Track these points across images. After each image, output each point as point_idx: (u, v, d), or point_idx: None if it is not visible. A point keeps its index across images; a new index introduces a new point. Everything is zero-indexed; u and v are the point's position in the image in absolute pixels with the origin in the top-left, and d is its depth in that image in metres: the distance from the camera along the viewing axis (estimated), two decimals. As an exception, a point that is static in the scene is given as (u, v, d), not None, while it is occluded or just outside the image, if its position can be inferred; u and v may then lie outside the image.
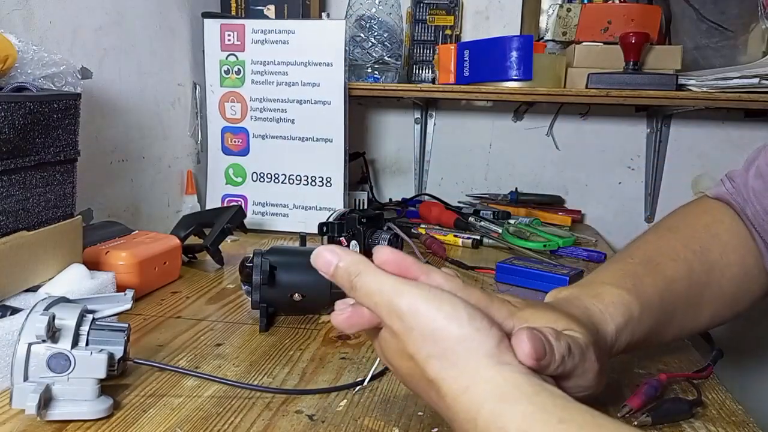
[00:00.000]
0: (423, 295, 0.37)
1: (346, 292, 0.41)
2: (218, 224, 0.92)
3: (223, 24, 1.16)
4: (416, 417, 0.51)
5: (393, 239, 0.90)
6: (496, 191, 1.46)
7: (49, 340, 0.47)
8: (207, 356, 0.62)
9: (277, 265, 0.68)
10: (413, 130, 1.49)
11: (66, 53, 0.83)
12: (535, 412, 0.33)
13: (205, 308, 0.76)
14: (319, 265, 0.41)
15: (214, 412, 0.51)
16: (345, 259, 0.40)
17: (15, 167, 0.58)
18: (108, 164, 0.96)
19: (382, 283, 0.39)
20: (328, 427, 0.49)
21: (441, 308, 0.37)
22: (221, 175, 1.21)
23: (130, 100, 1.01)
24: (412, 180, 1.51)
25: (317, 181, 1.16)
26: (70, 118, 0.64)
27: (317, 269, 0.42)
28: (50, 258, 0.63)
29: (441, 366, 0.36)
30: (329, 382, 0.57)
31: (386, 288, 0.38)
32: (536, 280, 0.86)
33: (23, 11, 0.76)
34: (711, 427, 0.51)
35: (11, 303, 0.59)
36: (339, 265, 0.40)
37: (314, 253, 0.41)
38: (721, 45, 1.24)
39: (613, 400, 0.55)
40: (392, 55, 1.23)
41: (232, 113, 1.19)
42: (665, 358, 0.64)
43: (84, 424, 0.47)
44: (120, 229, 0.83)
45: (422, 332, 0.37)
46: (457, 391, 0.35)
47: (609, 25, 1.18)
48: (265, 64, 1.15)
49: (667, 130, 1.41)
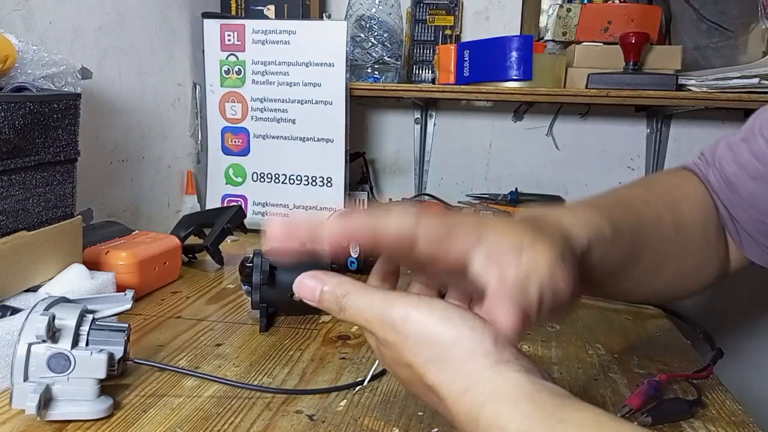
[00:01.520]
0: (413, 302, 0.37)
1: (336, 316, 0.40)
2: (218, 224, 0.92)
3: (223, 24, 1.16)
4: (416, 417, 0.51)
5: (393, 239, 0.90)
6: (496, 191, 1.45)
7: (49, 340, 0.47)
8: (207, 356, 0.62)
9: (277, 265, 0.68)
10: (413, 130, 1.49)
11: (66, 53, 0.83)
12: (535, 412, 0.33)
13: (205, 308, 0.76)
14: (303, 293, 0.40)
15: (214, 412, 0.51)
16: (329, 282, 0.40)
17: (15, 167, 0.58)
18: (108, 164, 0.96)
19: (372, 298, 0.39)
20: (328, 427, 0.49)
21: (432, 313, 0.37)
22: (221, 175, 1.21)
23: (130, 100, 1.01)
24: (412, 180, 1.51)
25: (317, 181, 1.16)
26: (70, 118, 0.64)
27: (302, 299, 0.40)
28: (50, 258, 0.63)
29: (439, 370, 0.36)
30: (329, 382, 0.57)
31: (376, 302, 0.38)
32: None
33: (23, 11, 0.76)
34: (711, 427, 0.51)
35: (11, 303, 0.59)
36: (324, 289, 0.40)
37: (296, 283, 0.40)
38: (721, 45, 1.24)
39: (613, 400, 0.55)
40: (392, 55, 1.23)
41: (232, 113, 1.19)
42: (665, 358, 0.64)
43: (84, 424, 0.47)
44: (120, 229, 0.83)
45: (417, 339, 0.37)
46: (456, 394, 0.35)
47: (609, 25, 1.18)
48: (266, 64, 1.15)
49: (667, 130, 1.41)
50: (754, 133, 0.54)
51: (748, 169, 0.54)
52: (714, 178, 0.56)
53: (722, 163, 0.56)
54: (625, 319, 0.76)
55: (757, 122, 0.54)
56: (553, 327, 0.72)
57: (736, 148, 0.56)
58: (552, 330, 0.71)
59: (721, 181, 0.55)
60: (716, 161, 0.56)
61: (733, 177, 0.55)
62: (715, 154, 0.57)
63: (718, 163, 0.56)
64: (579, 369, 0.61)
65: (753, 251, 0.55)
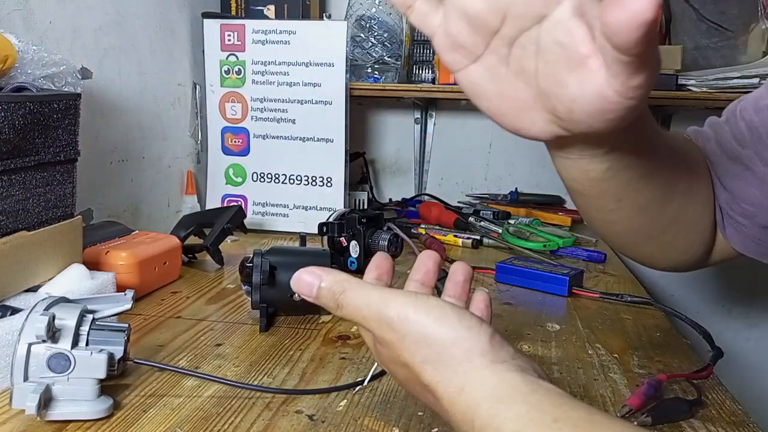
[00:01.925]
0: (411, 301, 0.37)
1: (333, 312, 0.40)
2: (218, 224, 0.92)
3: (223, 24, 1.16)
4: (416, 417, 0.51)
5: (393, 239, 0.90)
6: (496, 191, 1.45)
7: (49, 340, 0.47)
8: (207, 356, 0.62)
9: (277, 265, 0.68)
10: (413, 130, 1.49)
11: (66, 53, 0.83)
12: (530, 412, 0.33)
13: (205, 308, 0.76)
14: (301, 289, 0.40)
15: (214, 412, 0.51)
16: (326, 278, 0.40)
17: (15, 167, 0.58)
18: (108, 164, 0.96)
19: (369, 296, 0.39)
20: (328, 427, 0.49)
21: (430, 312, 0.37)
22: (221, 175, 1.21)
23: (130, 100, 1.01)
24: (412, 180, 1.51)
25: (317, 181, 1.16)
26: (70, 118, 0.64)
27: (299, 294, 0.41)
28: (50, 258, 0.63)
29: (435, 370, 0.36)
30: (329, 382, 0.57)
31: (373, 300, 0.38)
32: (536, 280, 0.86)
33: (23, 11, 0.76)
34: (711, 427, 0.51)
35: (11, 303, 0.59)
36: (321, 285, 0.40)
37: (294, 278, 0.40)
38: (721, 45, 1.24)
39: (613, 400, 0.55)
40: (392, 55, 1.23)
41: (232, 113, 1.19)
42: (665, 358, 0.64)
43: (84, 424, 0.47)
44: (120, 229, 0.83)
45: (415, 338, 0.37)
46: (452, 394, 0.35)
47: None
48: (266, 64, 1.15)
49: (666, 129, 1.40)
50: (735, 115, 0.54)
51: (726, 149, 0.54)
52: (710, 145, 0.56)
53: (705, 141, 0.56)
54: (625, 319, 0.76)
55: (740, 104, 0.55)
56: (553, 327, 0.72)
57: (717, 127, 0.56)
58: (552, 330, 0.71)
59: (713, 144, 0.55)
60: (700, 139, 0.57)
61: (712, 156, 0.55)
62: (701, 133, 0.57)
63: (702, 141, 0.56)
64: (579, 369, 0.61)
65: (732, 234, 0.55)
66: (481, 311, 0.44)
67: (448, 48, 0.38)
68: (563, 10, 0.33)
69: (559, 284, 0.84)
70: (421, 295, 0.38)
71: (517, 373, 0.35)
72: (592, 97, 0.33)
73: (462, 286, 0.45)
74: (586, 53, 0.33)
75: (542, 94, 0.36)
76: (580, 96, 0.34)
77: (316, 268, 0.40)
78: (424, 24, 0.38)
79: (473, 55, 0.37)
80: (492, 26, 0.36)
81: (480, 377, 0.35)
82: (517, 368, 0.36)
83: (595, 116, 0.35)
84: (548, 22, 0.34)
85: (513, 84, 0.38)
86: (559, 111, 0.36)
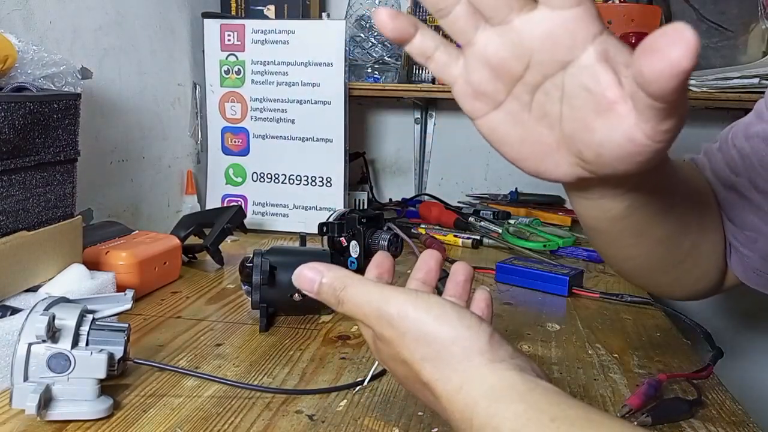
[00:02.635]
0: (411, 299, 0.37)
1: (334, 308, 0.40)
2: (218, 224, 0.92)
3: (223, 24, 1.16)
4: (416, 417, 0.51)
5: (393, 239, 0.90)
6: (496, 191, 1.45)
7: (49, 340, 0.47)
8: (207, 356, 0.62)
9: (277, 265, 0.68)
10: (413, 130, 1.49)
11: (66, 53, 0.83)
12: (528, 410, 0.33)
13: (205, 308, 0.76)
14: (302, 284, 0.40)
15: (214, 412, 0.51)
16: (327, 274, 0.40)
17: (15, 167, 0.58)
18: (108, 164, 0.96)
19: (369, 293, 0.39)
20: (328, 427, 0.49)
21: (430, 311, 0.37)
22: (221, 175, 1.21)
23: (130, 100, 1.01)
24: (412, 180, 1.51)
25: (317, 181, 1.16)
26: (70, 118, 0.64)
27: (301, 289, 0.41)
28: (50, 258, 0.63)
29: (435, 368, 0.36)
30: (329, 382, 0.57)
31: (374, 297, 0.38)
32: (536, 280, 0.86)
33: (23, 11, 0.76)
34: (711, 427, 0.51)
35: (11, 303, 0.59)
36: (323, 281, 0.40)
37: (295, 274, 0.40)
38: (721, 45, 1.24)
39: (613, 400, 0.55)
40: (392, 55, 1.23)
41: (232, 113, 1.19)
42: (665, 358, 0.65)
43: (84, 424, 0.47)
44: (120, 229, 0.83)
45: (414, 336, 0.37)
46: (451, 392, 0.36)
47: (609, 25, 1.18)
48: (266, 64, 1.15)
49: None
50: (727, 143, 0.54)
51: (721, 177, 0.54)
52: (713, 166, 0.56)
53: (702, 169, 0.56)
54: (625, 319, 0.76)
55: (732, 131, 0.54)
56: (553, 327, 0.72)
57: (711, 155, 0.56)
58: (552, 330, 0.71)
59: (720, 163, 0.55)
60: (698, 167, 0.57)
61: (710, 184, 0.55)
62: (697, 161, 0.57)
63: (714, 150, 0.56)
64: (579, 369, 0.61)
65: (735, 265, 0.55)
66: (482, 310, 0.44)
67: (469, 96, 0.38)
68: (588, 56, 0.34)
69: (559, 284, 0.84)
70: (422, 293, 0.38)
71: (516, 372, 0.35)
72: (621, 140, 0.34)
73: (463, 286, 0.45)
74: (613, 98, 0.33)
75: (567, 138, 0.37)
76: (608, 140, 0.34)
77: (318, 263, 0.40)
78: (444, 73, 0.38)
79: (495, 102, 0.38)
80: (515, 74, 0.36)
81: (479, 376, 0.35)
82: (515, 367, 0.36)
83: (623, 159, 0.35)
84: (573, 68, 0.34)
85: (535, 128, 0.38)
86: (586, 155, 0.36)
